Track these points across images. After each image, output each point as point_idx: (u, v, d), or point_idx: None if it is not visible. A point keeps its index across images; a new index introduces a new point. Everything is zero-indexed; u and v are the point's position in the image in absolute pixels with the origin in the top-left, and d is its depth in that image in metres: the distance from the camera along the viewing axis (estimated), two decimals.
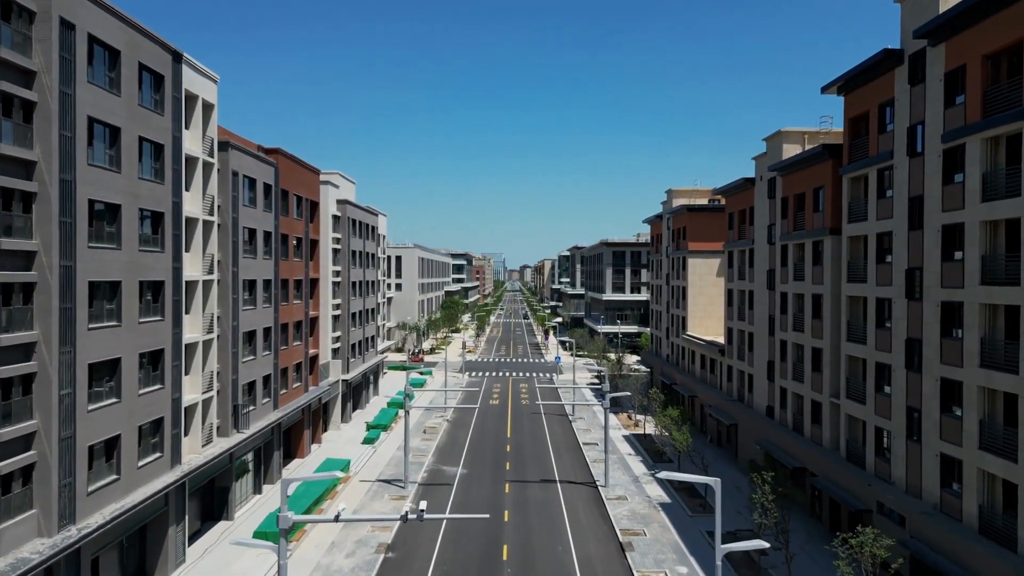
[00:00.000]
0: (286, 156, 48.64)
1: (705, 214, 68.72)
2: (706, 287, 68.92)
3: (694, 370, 66.14)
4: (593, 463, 52.78)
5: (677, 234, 73.56)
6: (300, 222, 52.17)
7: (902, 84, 31.23)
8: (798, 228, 42.77)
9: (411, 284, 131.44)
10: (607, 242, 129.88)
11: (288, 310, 49.35)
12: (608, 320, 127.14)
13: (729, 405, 53.44)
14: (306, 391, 53.41)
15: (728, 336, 56.17)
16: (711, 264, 68.80)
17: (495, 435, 62.29)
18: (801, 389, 41.79)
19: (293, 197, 50.66)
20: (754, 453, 47.45)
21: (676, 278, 73.65)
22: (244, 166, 41.01)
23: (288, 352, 49.39)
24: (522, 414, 71.77)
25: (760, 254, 49.10)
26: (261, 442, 44.23)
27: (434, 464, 52.64)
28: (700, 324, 68.80)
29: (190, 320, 35.14)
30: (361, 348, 71.66)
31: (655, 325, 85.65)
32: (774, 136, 46.40)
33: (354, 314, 68.60)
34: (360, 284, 71.22)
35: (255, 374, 42.93)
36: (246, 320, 41.51)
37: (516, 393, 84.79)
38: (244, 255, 41.25)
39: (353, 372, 66.79)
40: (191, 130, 35.13)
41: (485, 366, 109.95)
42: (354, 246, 68.30)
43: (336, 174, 66.37)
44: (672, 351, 75.31)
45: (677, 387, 68.42)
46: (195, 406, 35.22)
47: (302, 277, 52.48)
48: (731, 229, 56.52)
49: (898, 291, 31.30)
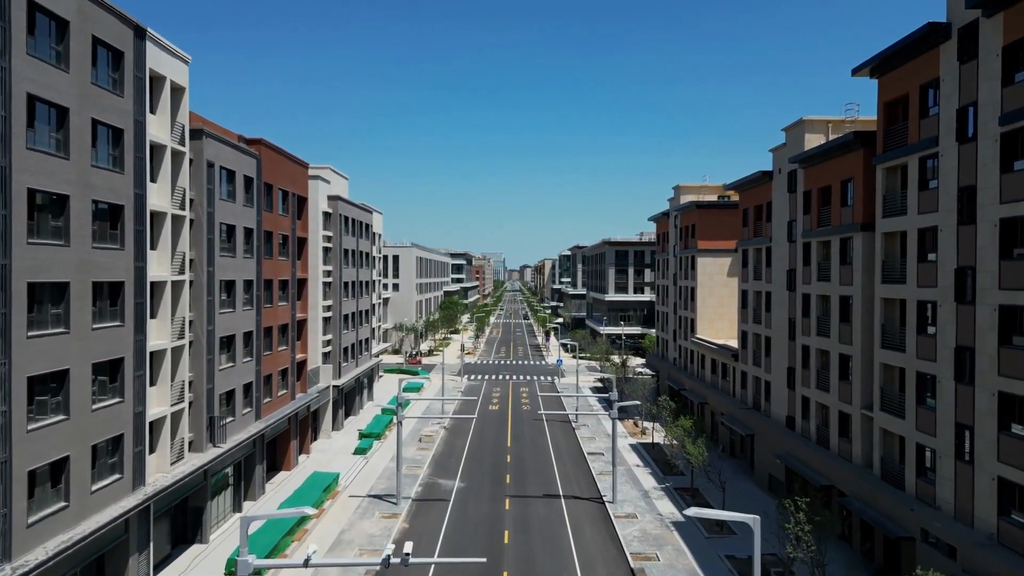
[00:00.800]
0: (270, 147, 45.32)
1: (716, 211, 65.36)
2: (716, 288, 65.59)
3: (704, 375, 62.81)
4: (599, 475, 49.45)
5: (685, 232, 70.22)
6: (286, 218, 48.84)
7: (949, 62, 27.89)
8: (823, 224, 39.44)
9: (408, 284, 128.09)
10: (610, 241, 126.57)
11: (272, 312, 46.02)
12: (611, 321, 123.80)
13: (744, 414, 50.12)
14: (293, 399, 50.09)
15: (742, 340, 52.84)
16: (722, 263, 65.47)
17: (495, 444, 58.96)
18: (826, 399, 38.47)
19: (278, 191, 47.33)
20: (773, 467, 44.13)
21: (684, 278, 70.32)
22: (221, 156, 37.68)
23: (272, 358, 46.06)
24: (523, 420, 68.43)
25: (779, 252, 45.77)
26: (242, 455, 40.91)
27: (429, 477, 49.31)
28: (710, 326, 65.47)
29: (157, 325, 31.81)
30: (354, 351, 68.33)
31: (661, 327, 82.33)
32: (795, 125, 43.08)
33: (346, 316, 65.26)
34: (353, 284, 67.89)
35: (234, 382, 39.60)
36: (224, 324, 38.18)
37: (516, 397, 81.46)
38: (221, 253, 37.92)
39: (345, 377, 63.46)
40: (158, 115, 31.79)
41: (484, 369, 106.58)
42: (346, 244, 64.97)
43: (327, 168, 63.04)
44: (680, 355, 71.98)
45: (686, 393, 65.08)
46: (163, 420, 31.89)
47: (288, 277, 49.15)
48: (745, 226, 53.18)
49: (945, 293, 27.97)
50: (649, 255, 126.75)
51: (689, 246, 68.39)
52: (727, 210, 65.15)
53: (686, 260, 69.77)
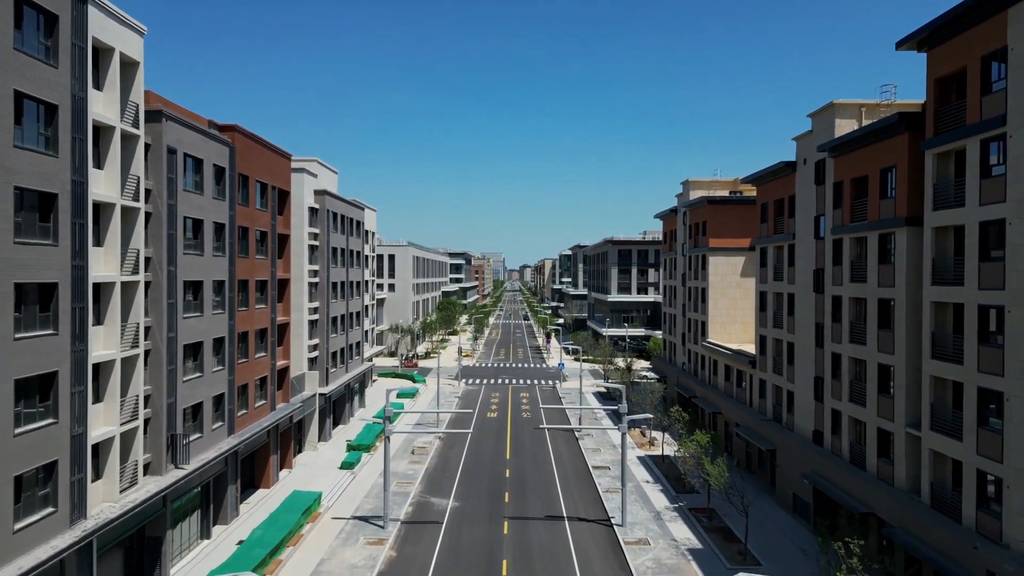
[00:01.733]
0: (245, 135, 41.29)
1: (729, 206, 61.35)
2: (729, 288, 61.58)
3: (717, 382, 58.79)
4: (606, 493, 45.43)
5: (695, 229, 66.21)
6: (265, 213, 44.79)
7: (1020, 28, 23.88)
8: (858, 219, 35.43)
9: (405, 284, 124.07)
10: (613, 240, 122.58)
11: (248, 316, 41.98)
12: (614, 322, 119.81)
13: (763, 426, 46.10)
14: (273, 410, 46.05)
15: (760, 345, 48.82)
16: (735, 262, 61.46)
17: (493, 456, 54.92)
18: (862, 414, 34.46)
19: (256, 184, 43.29)
20: (799, 486, 40.10)
21: (694, 278, 66.30)
22: (185, 142, 33.64)
23: (249, 366, 42.02)
24: (523, 430, 64.39)
25: (804, 251, 41.76)
26: (212, 475, 36.89)
27: (421, 495, 45.28)
28: (723, 330, 61.47)
29: (104, 332, 27.77)
30: (344, 356, 64.30)
31: (668, 330, 78.32)
32: (824, 110, 39.07)
33: (335, 318, 61.23)
34: (342, 285, 63.86)
35: (202, 395, 35.58)
36: (189, 330, 34.15)
37: (516, 403, 77.42)
38: (186, 251, 33.89)
39: (333, 384, 59.43)
40: (105, 92, 27.77)
41: (483, 372, 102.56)
42: (335, 242, 60.95)
43: (313, 161, 59.02)
44: (689, 359, 67.95)
45: (697, 400, 61.06)
46: (111, 441, 27.86)
47: (267, 277, 45.10)
48: (764, 222, 49.16)
49: (1016, 296, 23.96)
50: (653, 254, 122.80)
51: (699, 244, 64.38)
52: (741, 206, 61.14)
53: (696, 259, 65.77)
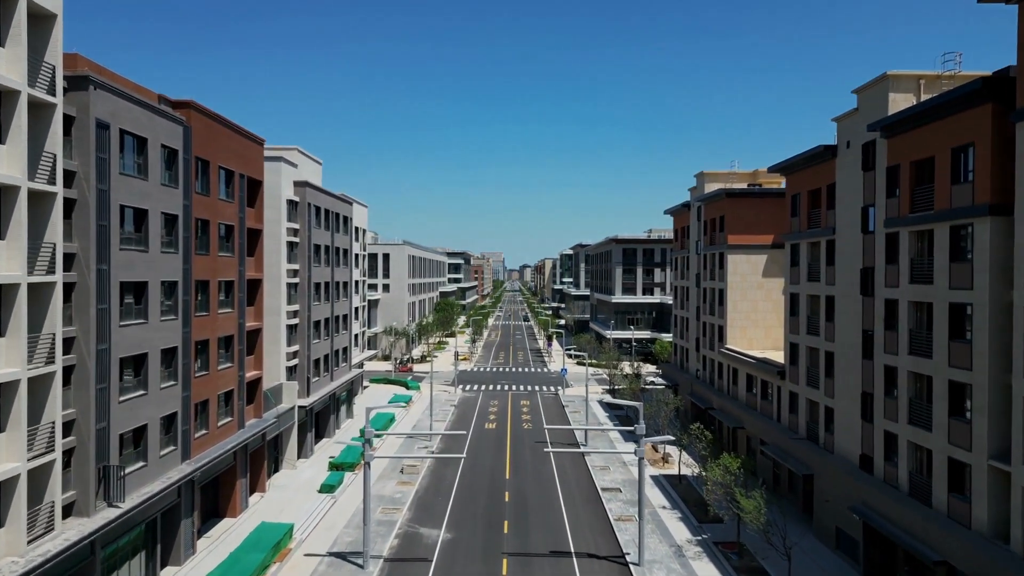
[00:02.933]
0: (205, 113, 35.92)
1: (749, 200, 56.00)
2: (749, 290, 56.24)
3: (737, 393, 53.42)
4: (618, 522, 40.13)
5: (711, 225, 60.85)
6: (231, 205, 39.42)
7: None
8: (920, 208, 30.08)
9: (400, 285, 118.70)
10: (617, 239, 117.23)
11: (210, 322, 36.63)
12: (619, 324, 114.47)
13: (796, 446, 40.77)
14: (241, 427, 40.69)
15: (791, 354, 43.48)
16: (755, 261, 56.12)
17: (491, 476, 49.55)
18: (926, 439, 29.13)
19: (219, 171, 37.93)
20: (843, 519, 34.75)
21: (710, 279, 60.94)
22: (123, 117, 28.29)
23: (210, 379, 36.66)
24: (524, 444, 59.01)
25: (847, 247, 36.41)
26: (160, 509, 31.55)
27: (409, 524, 39.93)
28: (742, 335, 56.13)
29: (4, 345, 22.42)
30: (329, 363, 58.97)
31: (679, 334, 72.94)
32: (874, 84, 33.71)
33: (317, 322, 55.89)
34: (327, 286, 58.53)
35: (146, 416, 30.24)
36: (129, 340, 28.82)
37: (516, 413, 72.01)
38: (124, 246, 28.56)
39: (316, 395, 54.09)
40: (7, 47, 22.43)
41: (481, 377, 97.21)
42: (318, 239, 55.62)
43: (293, 149, 53.67)
44: (704, 367, 62.59)
45: (715, 413, 55.69)
46: (14, 481, 22.51)
47: (234, 278, 39.73)
48: (795, 215, 43.81)
49: None
50: (659, 253, 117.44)
51: (716, 242, 59.02)
52: (763, 199, 55.78)
53: (712, 258, 60.41)
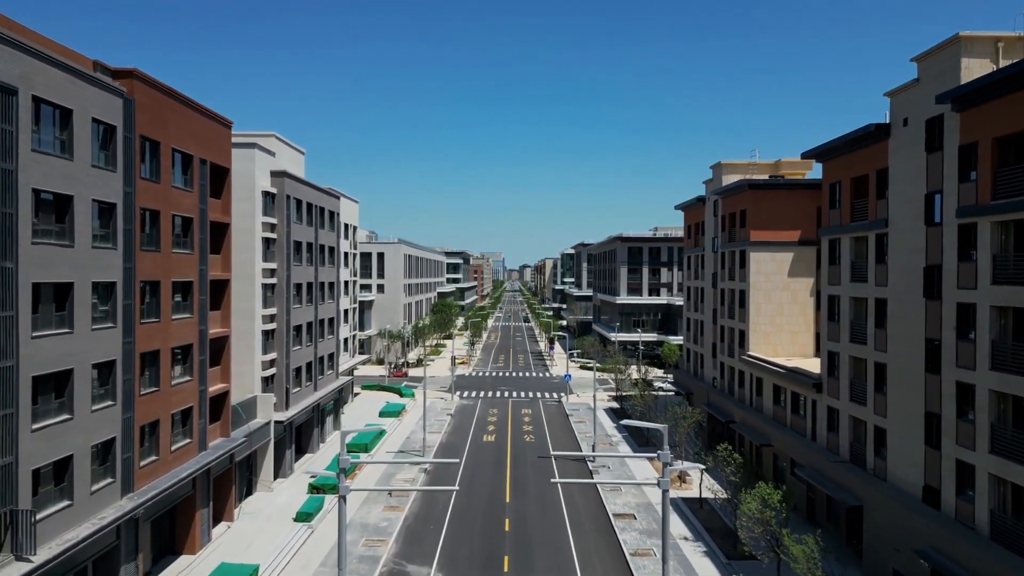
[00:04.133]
0: (153, 85, 30.70)
1: (774, 192, 50.78)
2: (774, 291, 51.04)
3: (761, 405, 48.22)
4: (634, 557, 34.99)
5: (730, 220, 55.66)
6: (189, 194, 34.20)
7: None
8: (1006, 193, 24.88)
9: (395, 285, 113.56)
10: (622, 237, 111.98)
11: (160, 329, 31.43)
12: (624, 326, 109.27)
13: (838, 471, 35.59)
14: (203, 449, 35.49)
15: (829, 364, 38.33)
16: (781, 259, 50.92)
17: (489, 498, 44.37)
18: (1015, 473, 23.95)
19: (173, 154, 32.72)
20: (903, 562, 29.52)
21: (729, 279, 55.75)
22: (37, 81, 23.12)
23: (160, 396, 31.47)
24: (526, 460, 53.81)
25: (904, 242, 31.21)
26: (91, 556, 26.38)
27: (395, 560, 34.75)
28: (765, 340, 50.94)
29: None
30: (312, 372, 53.79)
31: (693, 338, 67.74)
32: (942, 48, 28.52)
33: (298, 327, 50.70)
34: (309, 286, 53.36)
35: (73, 444, 25.05)
36: (45, 354, 23.64)
37: (517, 423, 66.80)
38: (37, 239, 23.39)
39: (296, 407, 48.88)
40: None
41: (480, 383, 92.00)
42: (299, 235, 50.45)
43: (270, 136, 48.45)
44: (722, 375, 57.41)
45: (736, 427, 50.51)
46: None
47: (193, 278, 34.51)
48: (834, 207, 38.63)
49: None
50: (666, 252, 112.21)
51: (737, 238, 53.82)
52: (790, 191, 50.58)
53: (732, 256, 55.23)
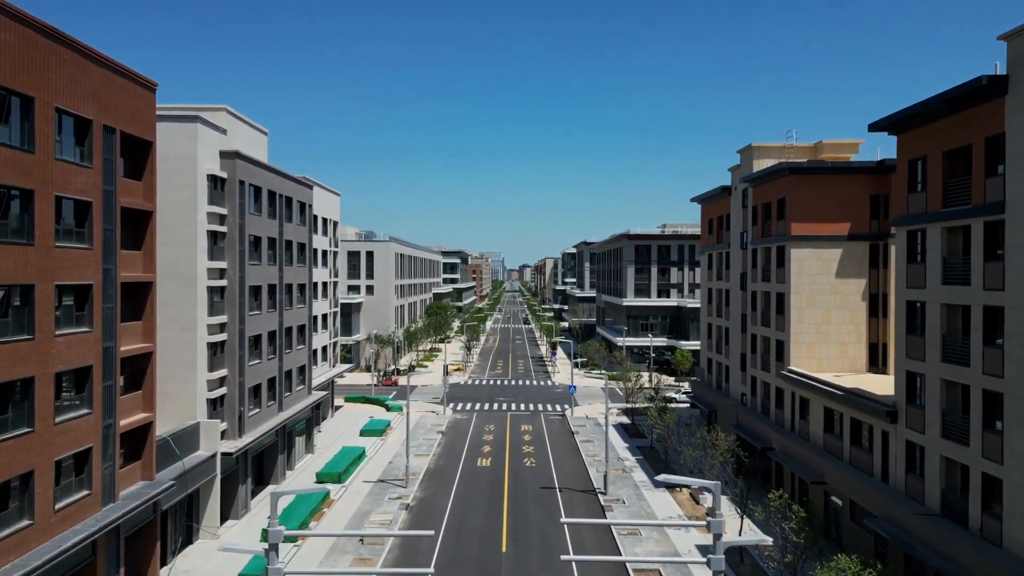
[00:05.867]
0: (20, 20, 22.80)
1: (822, 177, 42.90)
2: (820, 294, 43.19)
3: (808, 432, 40.34)
4: None
5: (764, 212, 47.83)
6: (86, 171, 26.26)
7: None
8: None
9: (386, 286, 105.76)
10: (629, 234, 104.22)
11: (35, 350, 23.49)
12: (632, 330, 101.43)
13: (926, 527, 27.70)
14: (109, 502, 27.60)
15: (909, 388, 30.49)
16: (827, 257, 43.09)
17: (481, 547, 36.47)
18: None
19: (60, 117, 24.85)
20: None
21: (762, 279, 47.90)
22: None
23: (35, 440, 23.51)
24: (527, 492, 45.90)
25: None
26: None
27: None
28: (809, 353, 43.13)
29: None
30: (276, 389, 45.94)
31: (715, 347, 59.90)
32: None
33: (256, 338, 42.82)
34: (272, 289, 45.51)
35: None
36: None
37: (517, 443, 58.90)
38: None
39: (253, 433, 41.01)
40: None
41: (475, 393, 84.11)
42: (258, 229, 42.60)
43: (220, 109, 40.52)
44: (754, 391, 49.56)
45: (776, 455, 42.67)
46: None
47: (92, 280, 26.58)
48: (915, 190, 30.79)
49: None
50: (676, 250, 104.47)
51: (774, 232, 45.98)
52: (841, 176, 42.74)
53: (766, 253, 47.39)
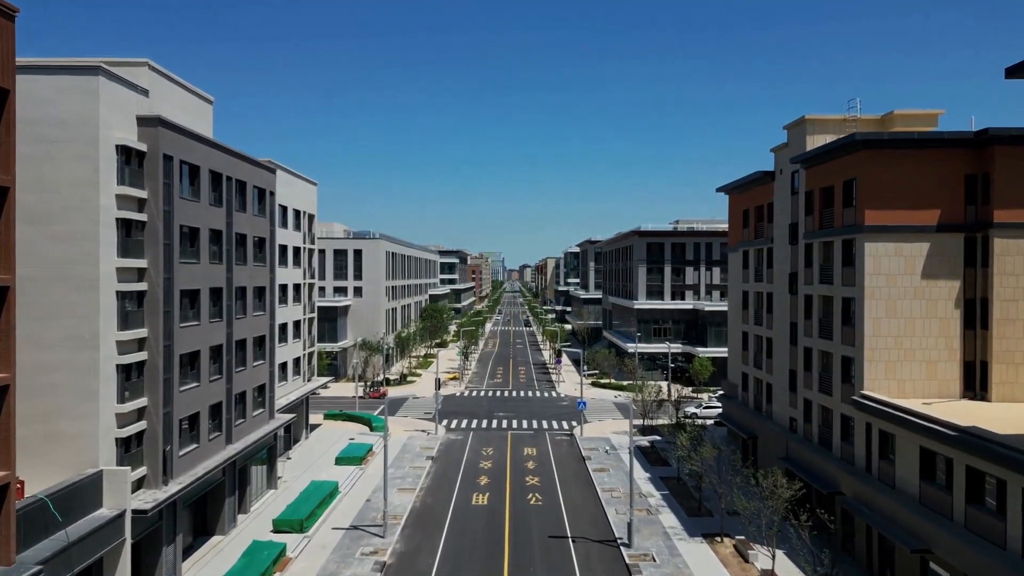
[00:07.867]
0: None
1: (905, 153, 34.15)
2: (901, 299, 34.43)
3: (894, 477, 31.53)
4: None
5: (823, 198, 39.07)
6: None
7: None
8: None
9: (376, 288, 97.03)
10: (640, 231, 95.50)
11: None
12: (645, 336, 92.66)
13: None
14: None
15: None
16: (911, 254, 34.33)
17: None
18: None
19: None
20: None
21: (821, 281, 39.11)
22: None
23: None
24: (532, 542, 37.04)
25: None
26: None
27: None
28: (887, 373, 34.37)
29: None
30: (224, 417, 37.16)
31: (752, 360, 51.15)
32: None
33: (193, 355, 34.00)
34: (217, 294, 36.70)
35: None
36: None
37: (519, 473, 49.98)
38: None
39: (186, 477, 32.18)
40: None
41: (472, 407, 75.25)
42: (194, 219, 33.80)
43: (140, 64, 31.60)
44: (808, 417, 40.77)
45: (849, 504, 33.81)
46: None
47: None
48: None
49: None
50: (692, 248, 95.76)
51: (838, 222, 37.21)
52: (928, 152, 33.97)
53: (827, 249, 38.61)
